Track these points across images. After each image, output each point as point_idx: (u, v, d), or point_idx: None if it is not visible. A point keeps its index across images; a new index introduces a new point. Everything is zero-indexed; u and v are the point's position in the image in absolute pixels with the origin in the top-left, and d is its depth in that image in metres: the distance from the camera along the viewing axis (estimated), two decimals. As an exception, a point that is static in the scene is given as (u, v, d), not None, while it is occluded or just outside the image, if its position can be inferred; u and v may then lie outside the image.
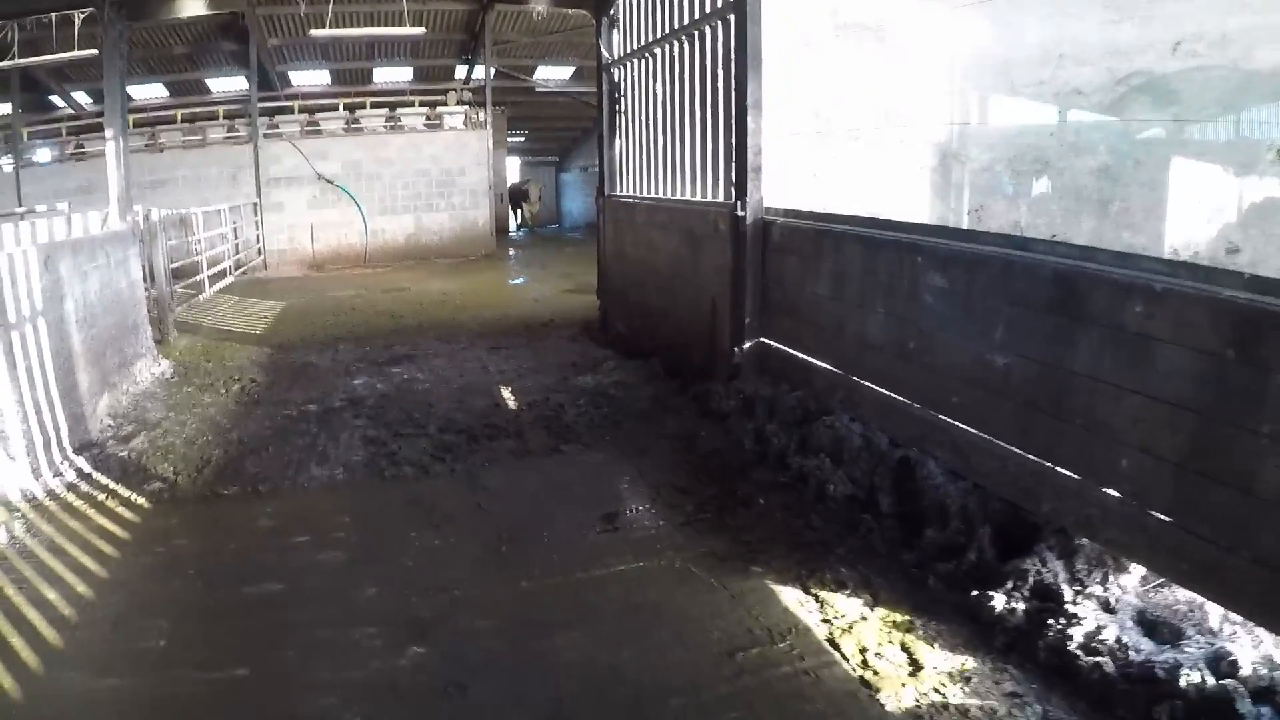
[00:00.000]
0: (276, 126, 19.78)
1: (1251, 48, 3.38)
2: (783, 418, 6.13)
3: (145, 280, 9.84)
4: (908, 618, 3.99)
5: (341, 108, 20.66)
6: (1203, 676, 3.36)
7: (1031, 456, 4.24)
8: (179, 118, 20.02)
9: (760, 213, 6.73)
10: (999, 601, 3.97)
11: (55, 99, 21.75)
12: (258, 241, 19.11)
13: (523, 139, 29.94)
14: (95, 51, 15.81)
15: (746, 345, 6.87)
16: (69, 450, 6.23)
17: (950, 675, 3.58)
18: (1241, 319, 3.29)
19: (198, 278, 14.26)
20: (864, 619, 3.99)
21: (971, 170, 4.62)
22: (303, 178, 19.42)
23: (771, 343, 6.73)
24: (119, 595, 4.33)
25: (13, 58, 16.54)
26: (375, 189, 19.78)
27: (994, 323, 4.41)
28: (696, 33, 7.71)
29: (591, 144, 13.53)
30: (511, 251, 21.94)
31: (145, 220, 10.80)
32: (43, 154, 20.36)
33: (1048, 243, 4.26)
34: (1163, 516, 3.61)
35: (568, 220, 33.57)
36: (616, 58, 10.28)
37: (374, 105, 20.97)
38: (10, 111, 19.42)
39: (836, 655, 3.71)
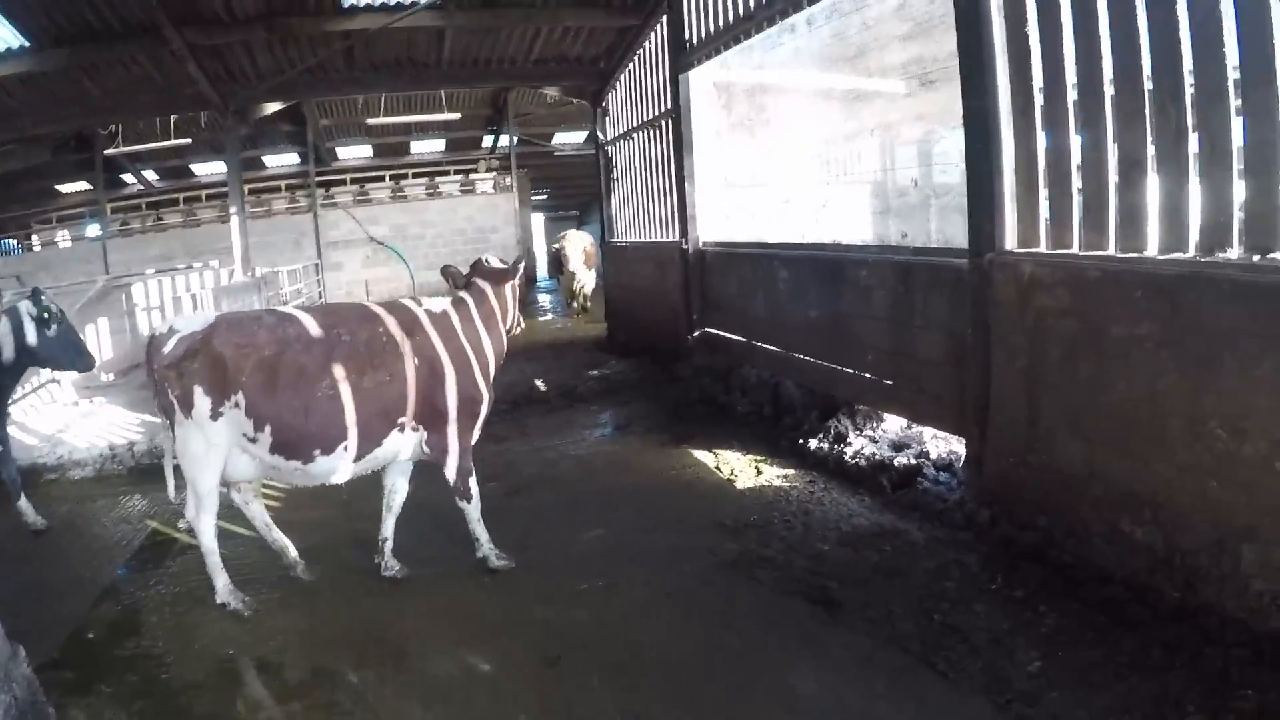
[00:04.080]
0: (332, 197, 23.21)
1: (900, 129, 6.77)
2: (714, 375, 9.43)
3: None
4: (763, 457, 7.21)
5: (387, 178, 24.22)
6: (908, 460, 6.58)
7: (832, 365, 7.51)
8: (245, 191, 23.31)
9: (697, 245, 10.15)
10: (813, 444, 7.22)
11: (127, 177, 24.70)
12: (320, 298, 22.57)
13: (545, 197, 33.04)
14: (189, 140, 19.67)
15: (695, 334, 10.21)
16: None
17: (778, 476, 6.79)
18: (904, 269, 6.55)
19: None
20: (738, 459, 7.22)
21: (801, 203, 8.04)
22: (356, 240, 22.74)
23: (710, 329, 10.06)
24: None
25: (117, 145, 20.41)
26: (420, 248, 23.01)
27: (809, 292, 7.74)
28: (654, 126, 11.25)
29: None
30: (539, 297, 25.41)
31: (253, 276, 14.31)
32: (113, 225, 23.09)
33: (831, 245, 7.62)
34: (887, 381, 6.85)
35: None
36: (609, 138, 13.81)
37: (415, 175, 24.34)
38: (91, 188, 22.59)
39: (717, 472, 6.96)
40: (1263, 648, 3.48)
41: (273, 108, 14.54)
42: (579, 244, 17.86)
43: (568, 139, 26.99)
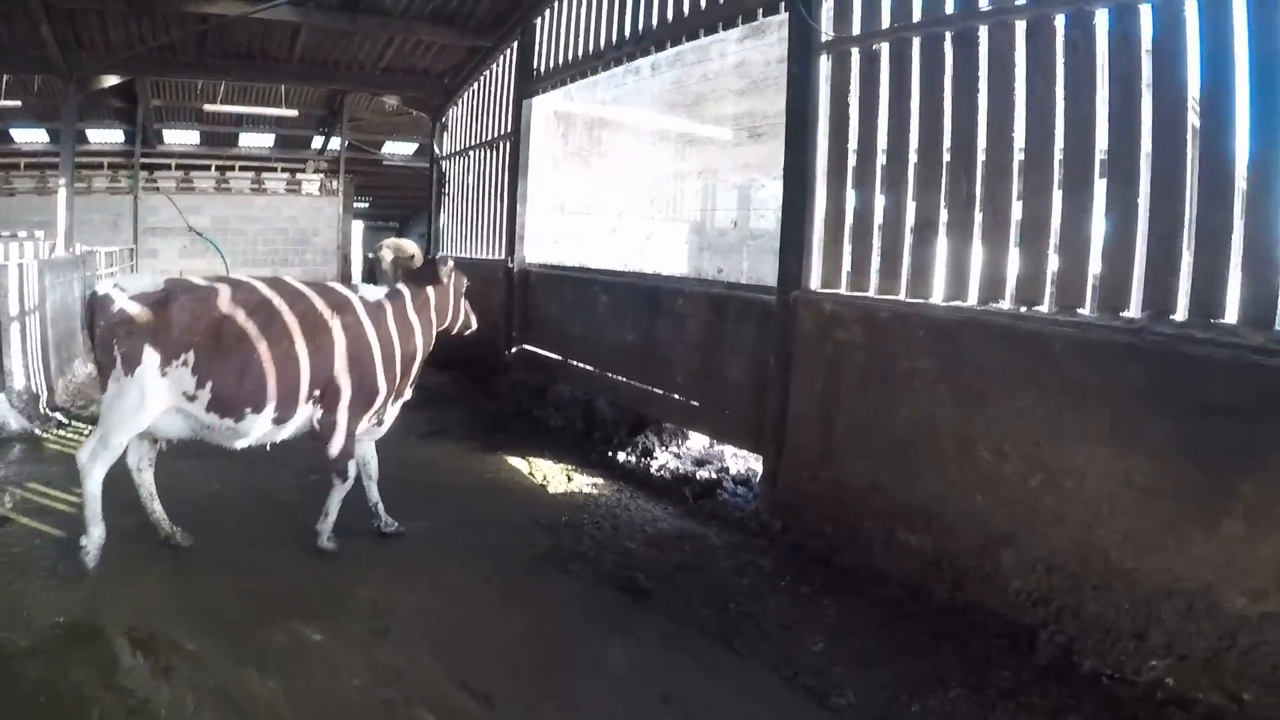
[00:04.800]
0: (155, 181, 21.86)
1: (725, 174, 7.41)
2: (531, 390, 9.72)
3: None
4: (574, 467, 7.55)
5: (213, 168, 23.06)
6: (710, 474, 7.11)
7: (644, 385, 7.95)
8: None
9: (523, 265, 10.45)
10: (622, 456, 7.64)
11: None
12: (132, 284, 21.09)
13: (368, 205, 32.05)
14: (19, 103, 18.36)
15: (514, 350, 10.47)
16: (47, 409, 8.88)
17: (588, 483, 7.13)
18: (718, 301, 7.10)
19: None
20: (550, 467, 7.52)
21: (627, 234, 8.54)
22: (176, 229, 21.54)
23: (529, 347, 10.35)
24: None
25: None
26: (240, 243, 22.12)
27: (627, 317, 8.19)
28: (492, 147, 11.52)
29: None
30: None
31: (74, 253, 13.31)
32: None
33: (652, 274, 8.12)
34: (694, 403, 7.34)
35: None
36: (445, 154, 13.93)
37: (241, 168, 23.34)
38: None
39: (531, 477, 7.25)
40: (1019, 636, 4.16)
41: (111, 81, 13.88)
42: (402, 252, 15.81)
43: (398, 149, 26.53)
